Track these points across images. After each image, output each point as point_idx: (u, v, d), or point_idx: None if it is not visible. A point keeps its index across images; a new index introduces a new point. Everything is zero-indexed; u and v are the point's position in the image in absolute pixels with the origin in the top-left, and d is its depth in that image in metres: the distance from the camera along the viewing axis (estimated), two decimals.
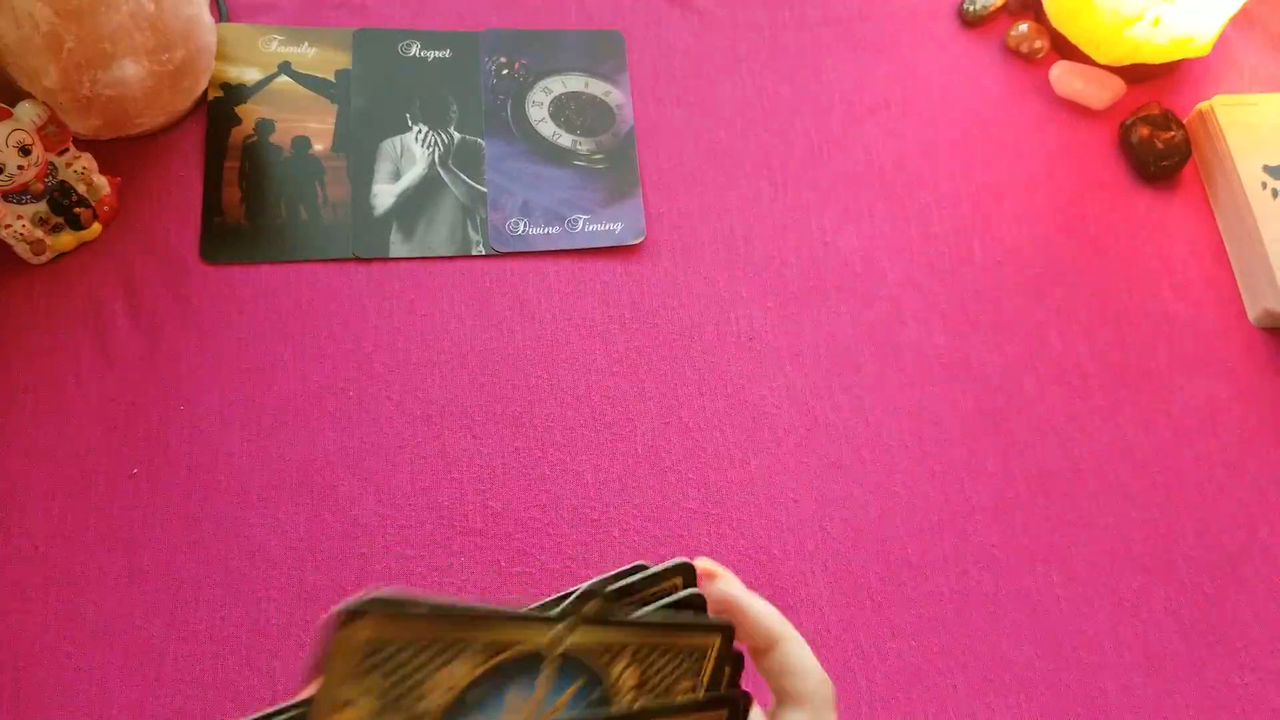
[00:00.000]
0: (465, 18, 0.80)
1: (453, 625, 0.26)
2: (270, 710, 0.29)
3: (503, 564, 0.63)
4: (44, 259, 0.68)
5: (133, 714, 0.57)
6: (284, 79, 0.76)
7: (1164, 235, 0.78)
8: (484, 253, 0.72)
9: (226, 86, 0.75)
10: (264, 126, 0.74)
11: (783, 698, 0.33)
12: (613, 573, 0.33)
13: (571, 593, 0.32)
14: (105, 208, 0.69)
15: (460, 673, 0.27)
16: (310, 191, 0.72)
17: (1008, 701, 0.62)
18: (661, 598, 0.32)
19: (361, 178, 0.73)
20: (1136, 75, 0.82)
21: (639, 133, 0.77)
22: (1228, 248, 0.78)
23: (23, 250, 0.67)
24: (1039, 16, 0.84)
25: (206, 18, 0.72)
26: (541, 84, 0.78)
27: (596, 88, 0.79)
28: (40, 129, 0.65)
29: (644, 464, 0.66)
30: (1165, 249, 0.77)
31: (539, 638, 0.28)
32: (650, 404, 0.68)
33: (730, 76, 0.80)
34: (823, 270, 0.74)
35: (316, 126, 0.74)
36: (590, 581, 0.32)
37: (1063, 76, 0.82)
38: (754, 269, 0.73)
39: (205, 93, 0.74)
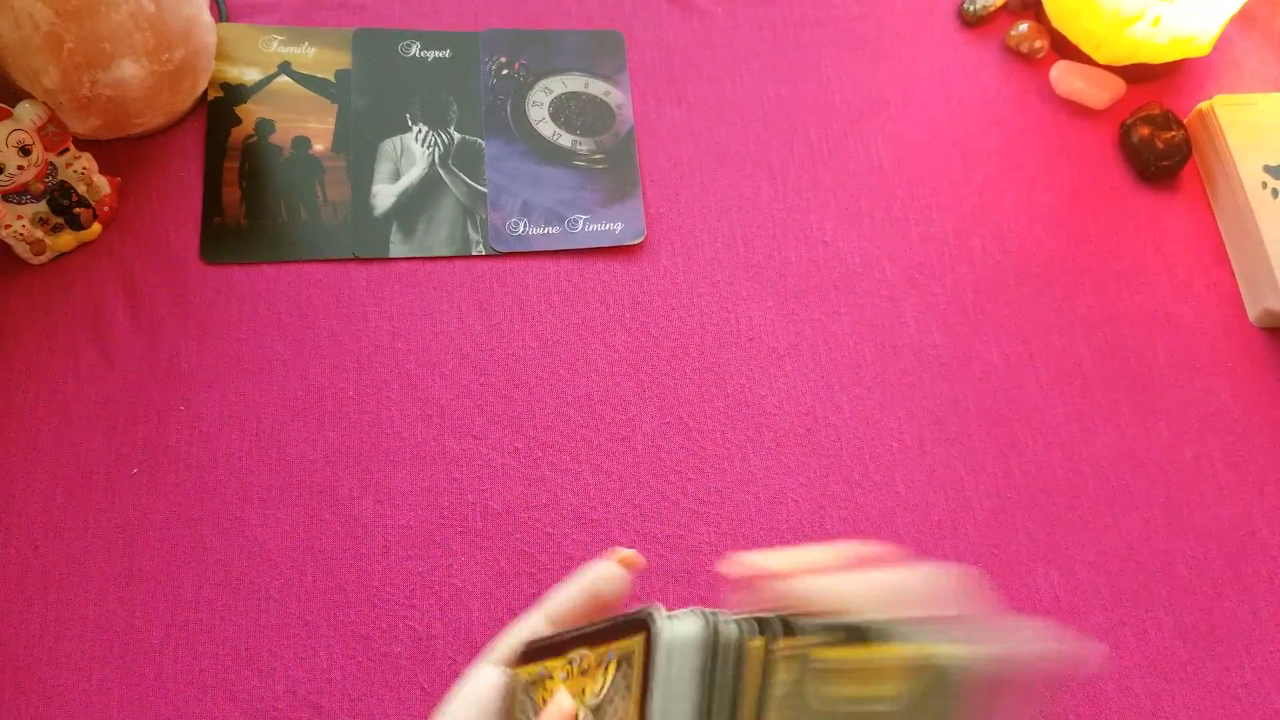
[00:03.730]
0: (465, 18, 0.80)
1: None
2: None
3: (502, 564, 0.63)
4: (44, 259, 0.68)
5: (132, 714, 0.57)
6: (284, 79, 0.76)
7: (1164, 235, 0.78)
8: (484, 253, 0.72)
9: (226, 86, 0.75)
10: (264, 126, 0.74)
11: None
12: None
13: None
14: (105, 208, 0.69)
15: None
16: (310, 191, 0.72)
17: (1008, 701, 0.62)
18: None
19: (361, 178, 0.73)
20: (1137, 75, 0.82)
21: (639, 133, 0.77)
22: (1228, 248, 0.78)
23: (23, 250, 0.67)
24: (1039, 16, 0.84)
25: (206, 18, 0.72)
26: (541, 84, 0.78)
27: (596, 88, 0.79)
28: (40, 129, 0.65)
29: (644, 464, 0.66)
30: (1165, 249, 0.77)
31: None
32: (650, 404, 0.68)
33: (730, 76, 0.80)
34: (823, 270, 0.74)
35: (316, 126, 0.75)
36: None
37: (1063, 76, 0.82)
38: (754, 269, 0.73)
39: (205, 93, 0.74)
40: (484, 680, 0.34)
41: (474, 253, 0.72)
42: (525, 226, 0.73)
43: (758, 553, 0.31)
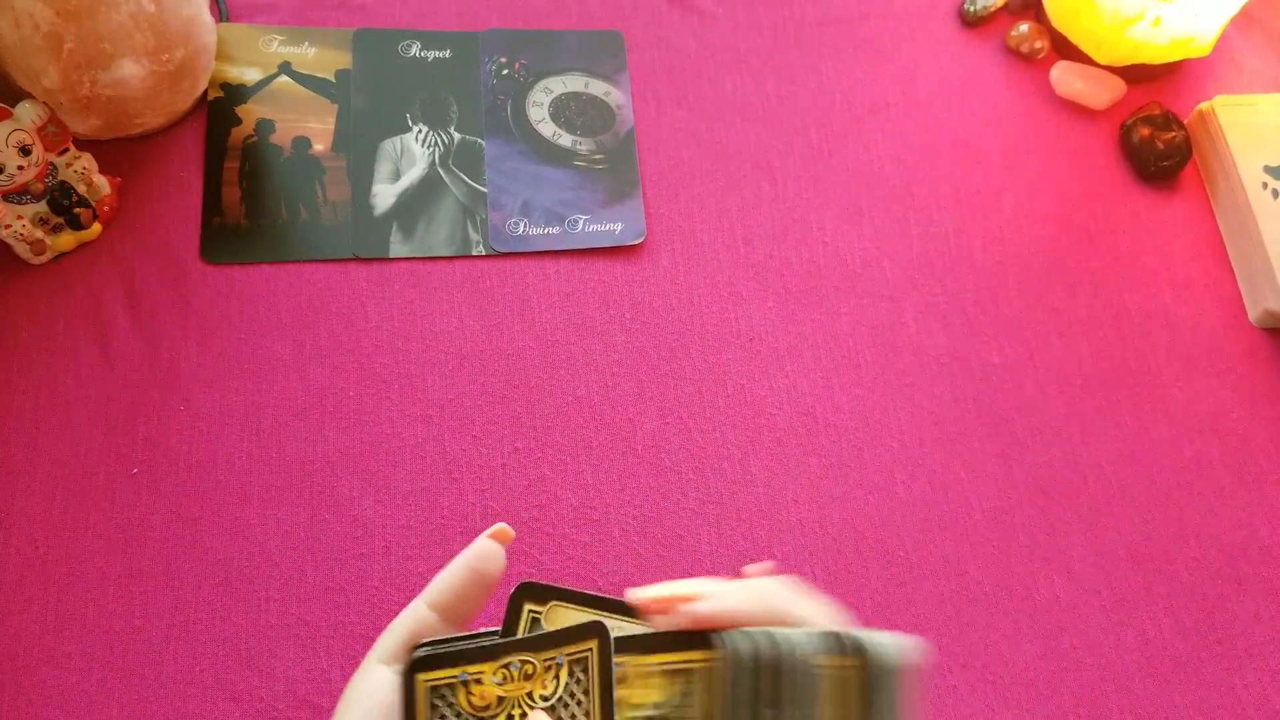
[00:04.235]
0: (465, 18, 0.80)
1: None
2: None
3: None
4: (44, 259, 0.68)
5: (133, 714, 0.57)
6: (284, 79, 0.76)
7: (1164, 235, 0.78)
8: (484, 253, 0.72)
9: (226, 86, 0.75)
10: (264, 126, 0.74)
11: None
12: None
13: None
14: (105, 208, 0.69)
15: None
16: (310, 191, 0.72)
17: (1008, 701, 0.62)
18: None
19: (361, 178, 0.73)
20: (1137, 75, 0.82)
21: (639, 133, 0.77)
22: (1228, 248, 0.78)
23: (23, 250, 0.67)
24: (1039, 16, 0.84)
25: (206, 18, 0.72)
26: (541, 84, 0.78)
27: (596, 88, 0.79)
28: (40, 129, 0.65)
29: (644, 464, 0.66)
30: (1165, 249, 0.77)
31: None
32: (650, 404, 0.68)
33: (730, 76, 0.80)
34: (823, 270, 0.74)
35: (316, 126, 0.75)
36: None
37: (1063, 77, 0.82)
38: (754, 269, 0.73)
39: (205, 93, 0.74)
40: (384, 680, 0.32)
41: (474, 253, 0.72)
42: (525, 226, 0.73)
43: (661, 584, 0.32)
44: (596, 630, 0.30)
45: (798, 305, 0.73)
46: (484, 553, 0.35)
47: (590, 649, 0.30)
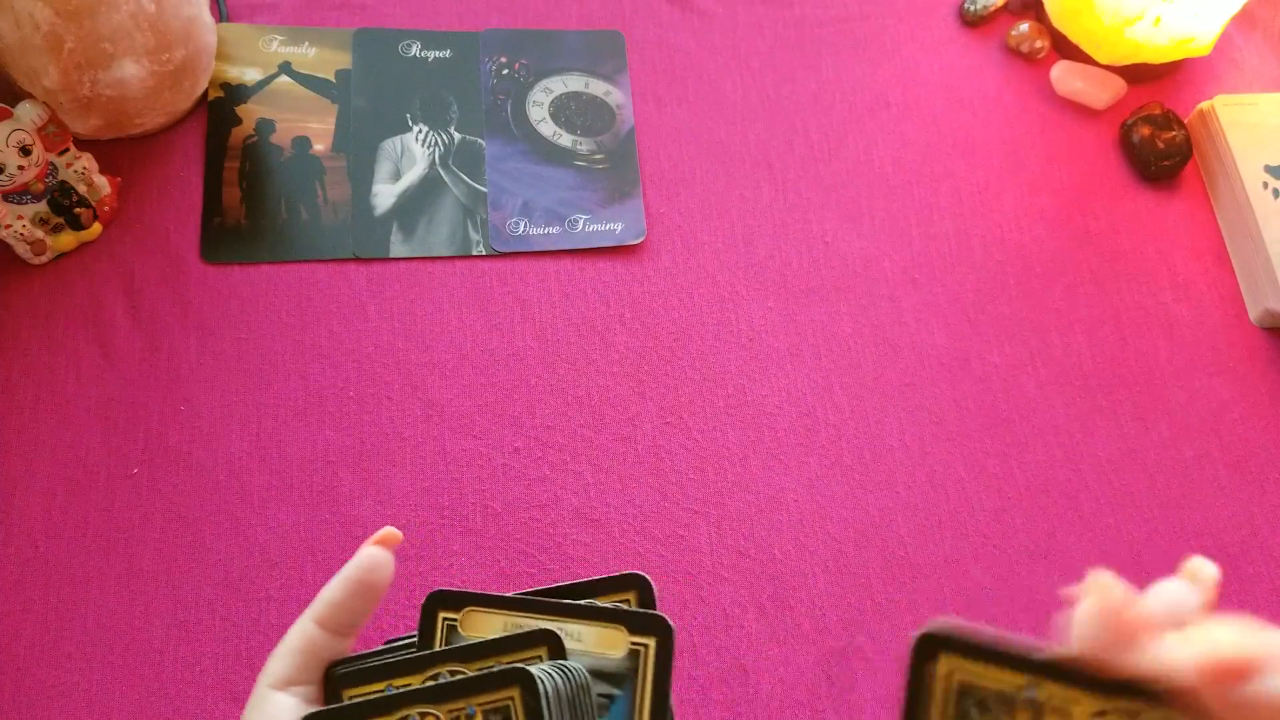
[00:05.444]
0: (465, 18, 0.80)
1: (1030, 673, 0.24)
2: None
3: (502, 564, 0.63)
4: (44, 259, 0.68)
5: (133, 714, 0.57)
6: (284, 79, 0.76)
7: (1165, 235, 0.78)
8: (484, 253, 0.72)
9: (227, 86, 0.75)
10: (264, 126, 0.74)
11: None
12: None
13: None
14: (105, 208, 0.69)
15: None
16: (310, 191, 0.72)
17: None
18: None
19: (361, 178, 0.73)
20: (1137, 75, 0.82)
21: (639, 133, 0.77)
22: (1229, 247, 0.77)
23: (23, 250, 0.67)
24: (1040, 16, 0.84)
25: (206, 18, 0.72)
26: (541, 84, 0.78)
27: (596, 88, 0.79)
28: (40, 129, 0.65)
29: (644, 464, 0.66)
30: (1166, 249, 0.77)
31: None
32: (650, 404, 0.68)
33: (730, 76, 0.80)
34: (823, 270, 0.74)
35: (316, 126, 0.75)
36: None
37: (1063, 76, 0.82)
38: (754, 269, 0.73)
39: (205, 93, 0.74)
40: (285, 706, 0.30)
41: (474, 253, 0.72)
42: (525, 226, 0.73)
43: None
44: (547, 639, 0.28)
45: (798, 305, 0.73)
46: (372, 562, 0.34)
47: (541, 655, 0.28)
